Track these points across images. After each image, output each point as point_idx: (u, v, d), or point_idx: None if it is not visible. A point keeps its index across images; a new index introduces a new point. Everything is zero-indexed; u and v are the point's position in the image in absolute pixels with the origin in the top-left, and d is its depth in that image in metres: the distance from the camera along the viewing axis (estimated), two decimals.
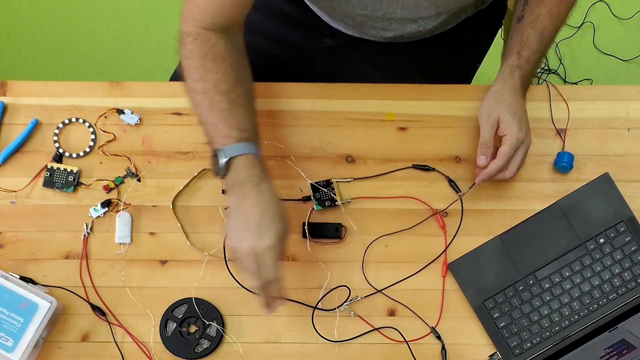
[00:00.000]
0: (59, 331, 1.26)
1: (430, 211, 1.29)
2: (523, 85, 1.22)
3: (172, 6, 2.35)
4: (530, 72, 1.23)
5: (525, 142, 1.20)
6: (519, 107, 1.21)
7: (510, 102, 1.20)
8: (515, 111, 1.20)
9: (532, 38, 1.22)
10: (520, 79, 1.22)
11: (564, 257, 1.26)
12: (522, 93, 1.23)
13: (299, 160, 1.31)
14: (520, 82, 1.22)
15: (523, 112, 1.21)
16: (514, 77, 1.21)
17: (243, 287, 1.26)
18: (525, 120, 1.21)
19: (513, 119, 1.19)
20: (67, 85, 1.34)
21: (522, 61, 1.22)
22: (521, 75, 1.22)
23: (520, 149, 1.20)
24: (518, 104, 1.21)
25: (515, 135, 1.18)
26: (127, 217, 1.29)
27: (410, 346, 1.24)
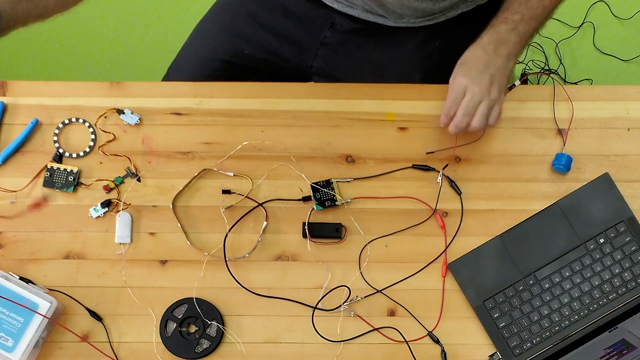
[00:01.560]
0: (59, 331, 1.26)
1: (430, 211, 1.29)
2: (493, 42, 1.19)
3: (172, 6, 2.35)
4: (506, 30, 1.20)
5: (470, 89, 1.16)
6: (470, 58, 1.19)
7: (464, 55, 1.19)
8: (464, 62, 1.18)
9: (515, 1, 1.22)
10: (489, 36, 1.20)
11: (564, 257, 1.26)
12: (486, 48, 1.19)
13: (299, 160, 1.31)
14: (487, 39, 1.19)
15: (476, 62, 1.18)
16: (483, 35, 1.20)
17: (243, 287, 1.26)
18: (478, 69, 1.17)
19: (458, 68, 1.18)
20: (67, 85, 1.34)
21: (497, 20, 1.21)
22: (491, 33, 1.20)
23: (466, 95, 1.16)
24: (470, 55, 1.19)
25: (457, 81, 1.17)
26: (127, 217, 1.29)
27: (410, 346, 1.24)
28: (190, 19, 2.31)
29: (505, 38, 1.20)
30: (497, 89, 1.18)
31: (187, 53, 1.53)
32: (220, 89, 1.34)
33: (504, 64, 1.19)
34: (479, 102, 1.17)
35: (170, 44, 2.32)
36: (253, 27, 1.48)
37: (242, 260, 1.28)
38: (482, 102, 1.17)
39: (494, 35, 1.20)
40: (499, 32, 1.20)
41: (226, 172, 1.31)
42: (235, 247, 1.29)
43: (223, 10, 1.54)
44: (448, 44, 1.44)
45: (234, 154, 1.31)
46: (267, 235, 1.29)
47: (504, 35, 1.20)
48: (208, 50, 1.50)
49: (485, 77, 1.17)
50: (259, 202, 1.29)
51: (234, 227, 1.28)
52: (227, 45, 1.50)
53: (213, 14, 1.55)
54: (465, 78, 1.17)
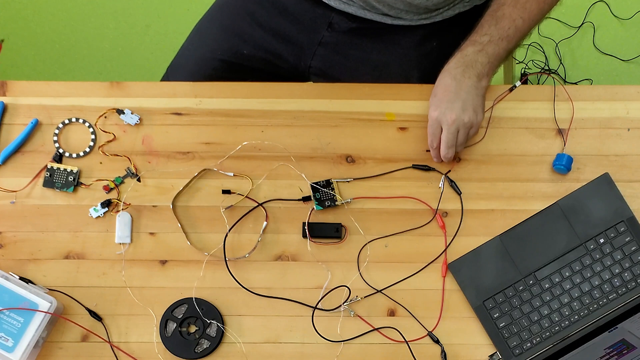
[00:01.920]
0: (59, 331, 1.26)
1: (430, 211, 1.29)
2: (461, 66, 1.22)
3: (172, 6, 2.35)
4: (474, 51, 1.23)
5: (445, 119, 1.21)
6: (440, 88, 1.22)
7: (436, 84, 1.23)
8: (436, 93, 1.23)
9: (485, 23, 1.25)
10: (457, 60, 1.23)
11: (564, 257, 1.26)
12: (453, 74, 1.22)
13: (299, 160, 1.31)
14: (455, 63, 1.23)
15: (445, 91, 1.22)
16: (451, 60, 1.23)
17: (243, 287, 1.26)
18: (448, 98, 1.21)
19: (431, 101, 1.23)
20: (67, 85, 1.34)
21: (465, 43, 1.24)
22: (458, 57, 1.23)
23: (443, 127, 1.22)
24: (441, 84, 1.23)
25: (430, 116, 1.22)
26: (127, 217, 1.29)
27: (410, 346, 1.24)
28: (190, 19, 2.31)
29: (473, 60, 1.23)
30: (471, 111, 1.22)
31: (186, 53, 1.53)
32: (220, 89, 1.34)
33: (475, 84, 1.22)
34: (456, 132, 1.22)
35: (170, 44, 2.32)
36: (251, 26, 1.48)
37: (242, 260, 1.28)
38: (459, 130, 1.22)
39: (461, 59, 1.23)
40: (466, 55, 1.23)
41: (226, 172, 1.31)
42: (235, 247, 1.29)
43: (222, 10, 1.54)
44: (446, 43, 1.44)
45: (234, 154, 1.31)
46: (267, 235, 1.29)
47: (471, 57, 1.23)
48: (207, 50, 1.50)
49: (457, 105, 1.21)
50: (259, 202, 1.29)
51: (234, 227, 1.28)
52: (225, 45, 1.50)
53: (212, 14, 1.55)
54: (437, 111, 1.22)
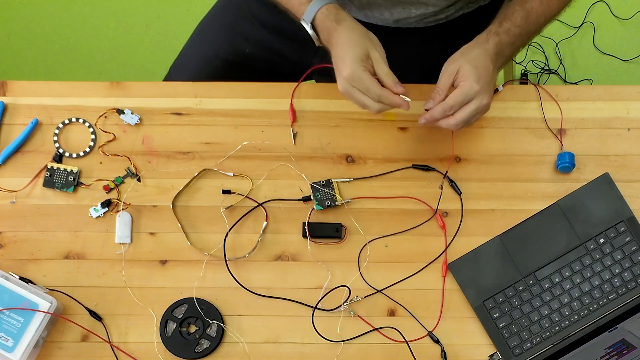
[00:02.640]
0: (59, 331, 1.26)
1: (430, 211, 1.29)
2: (496, 53, 1.20)
3: (172, 6, 2.35)
4: (507, 43, 1.21)
5: (479, 98, 1.16)
6: (482, 65, 1.17)
7: (475, 57, 1.18)
8: (477, 65, 1.17)
9: (517, 14, 1.22)
10: (495, 45, 1.20)
11: (564, 257, 1.26)
12: (493, 58, 1.20)
13: (299, 160, 1.31)
14: (493, 48, 1.20)
15: (486, 71, 1.18)
16: (489, 41, 1.20)
17: (243, 287, 1.26)
18: (487, 79, 1.17)
19: (472, 70, 1.16)
20: (67, 85, 1.34)
21: (501, 29, 1.21)
22: (496, 42, 1.20)
23: (473, 102, 1.16)
24: (482, 62, 1.18)
25: (469, 85, 1.15)
26: (127, 217, 1.29)
27: (410, 346, 1.24)
28: (190, 19, 2.32)
29: (504, 51, 1.21)
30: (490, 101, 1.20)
31: (188, 53, 1.53)
32: (221, 89, 1.34)
33: (495, 77, 1.22)
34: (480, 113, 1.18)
35: (170, 44, 2.32)
36: (254, 25, 1.48)
37: (242, 260, 1.28)
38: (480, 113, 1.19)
39: (498, 46, 1.21)
40: (502, 44, 1.21)
41: (226, 172, 1.31)
42: (235, 247, 1.29)
43: (224, 10, 1.54)
44: (448, 45, 1.44)
45: (234, 154, 1.31)
46: (267, 235, 1.29)
47: (504, 47, 1.21)
48: (209, 49, 1.50)
49: (491, 89, 1.19)
50: (259, 202, 1.29)
51: (234, 227, 1.28)
52: (228, 44, 1.50)
53: (214, 14, 1.55)
54: (478, 85, 1.16)
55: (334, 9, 1.20)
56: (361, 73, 1.15)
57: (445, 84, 1.18)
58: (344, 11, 1.21)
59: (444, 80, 1.18)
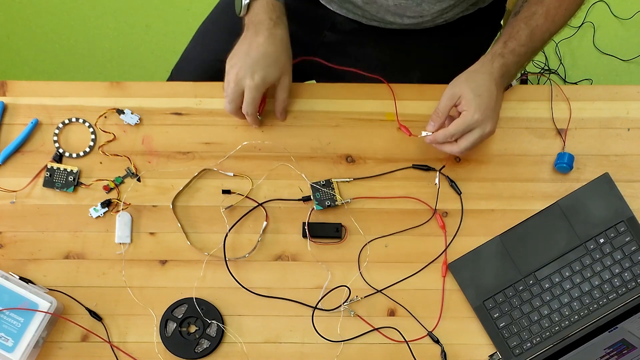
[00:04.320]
0: (59, 331, 1.26)
1: (430, 211, 1.29)
2: (502, 75, 1.20)
3: (172, 6, 2.35)
4: (513, 62, 1.21)
5: (482, 127, 1.17)
6: (486, 91, 1.18)
7: (479, 84, 1.18)
8: (480, 93, 1.17)
9: (522, 32, 1.22)
10: (500, 67, 1.20)
11: (564, 257, 1.26)
12: (498, 81, 1.20)
13: (299, 160, 1.31)
14: (498, 70, 1.20)
15: (490, 98, 1.18)
16: (494, 63, 1.20)
17: (243, 287, 1.26)
18: (490, 106, 1.18)
19: (474, 99, 1.17)
20: (67, 85, 1.34)
21: (506, 50, 1.21)
22: (501, 64, 1.20)
23: (475, 131, 1.18)
24: (486, 88, 1.18)
25: (471, 115, 1.16)
26: (127, 217, 1.29)
27: (410, 346, 1.24)
28: (190, 19, 2.32)
29: (510, 71, 1.22)
30: (496, 125, 1.20)
31: (190, 56, 1.54)
32: (221, 89, 1.34)
33: (501, 98, 1.22)
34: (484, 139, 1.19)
35: (170, 44, 2.32)
36: None
37: (242, 260, 1.28)
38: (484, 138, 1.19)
39: (504, 67, 1.21)
40: (507, 65, 1.21)
41: (226, 172, 1.31)
42: (235, 247, 1.29)
43: (224, 12, 1.54)
44: (449, 46, 1.44)
45: (234, 154, 1.31)
46: (267, 235, 1.29)
47: (510, 68, 1.21)
48: (210, 52, 1.50)
49: (495, 115, 1.19)
50: (259, 202, 1.29)
51: (234, 227, 1.28)
52: (229, 46, 1.49)
53: (215, 16, 1.55)
54: (480, 114, 1.17)
55: (279, 8, 1.22)
56: (257, 93, 1.21)
57: (446, 107, 1.19)
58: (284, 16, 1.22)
59: (444, 103, 1.19)
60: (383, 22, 1.40)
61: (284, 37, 1.22)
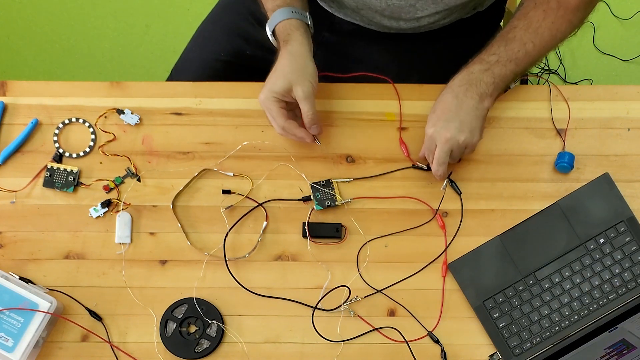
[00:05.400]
0: (59, 331, 1.26)
1: (430, 211, 1.29)
2: (464, 83, 1.21)
3: (172, 6, 2.35)
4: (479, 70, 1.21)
5: (440, 138, 1.19)
6: (441, 105, 1.20)
7: (438, 100, 1.21)
8: (435, 109, 1.21)
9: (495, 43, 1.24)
10: (462, 76, 1.21)
11: (564, 257, 1.26)
12: (458, 90, 1.20)
13: (299, 160, 1.31)
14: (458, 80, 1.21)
15: (445, 108, 1.20)
16: (456, 77, 1.22)
17: (243, 287, 1.26)
18: (444, 116, 1.19)
19: (430, 116, 1.21)
20: (67, 85, 1.34)
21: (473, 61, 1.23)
22: (464, 73, 1.22)
23: (439, 145, 1.19)
24: (440, 100, 1.21)
25: (426, 131, 1.21)
26: (127, 217, 1.29)
27: (410, 346, 1.24)
28: (190, 19, 2.32)
29: (478, 78, 1.21)
30: (467, 132, 1.20)
31: (189, 55, 1.54)
32: (221, 89, 1.34)
33: (476, 105, 1.20)
34: (449, 151, 1.20)
35: (170, 44, 2.32)
36: (254, 26, 1.48)
37: (242, 260, 1.28)
38: (453, 150, 1.20)
39: (466, 76, 1.21)
40: (471, 73, 1.22)
41: (226, 172, 1.31)
42: (235, 247, 1.29)
43: (224, 11, 1.54)
44: (446, 48, 1.44)
45: (234, 154, 1.31)
46: (267, 235, 1.29)
47: (476, 75, 1.21)
48: (210, 51, 1.50)
49: (453, 124, 1.19)
50: (259, 202, 1.29)
51: (234, 227, 1.28)
52: (229, 46, 1.50)
53: (214, 16, 1.56)
54: (433, 129, 1.20)
55: (289, 26, 1.23)
56: (270, 103, 1.21)
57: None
58: (297, 32, 1.23)
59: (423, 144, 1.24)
60: (380, 27, 1.40)
61: (294, 50, 1.22)
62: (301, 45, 1.22)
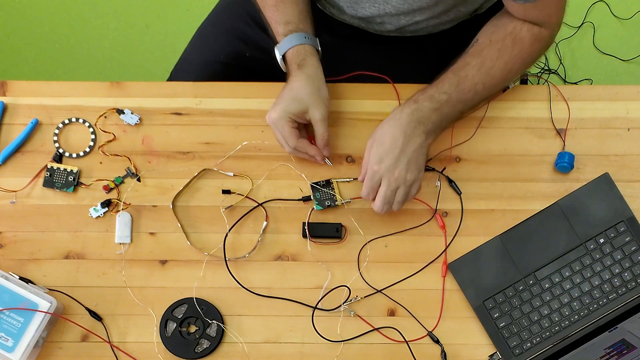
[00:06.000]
0: (59, 331, 1.26)
1: (430, 211, 1.29)
2: (414, 121, 1.19)
3: (172, 6, 2.35)
4: (429, 109, 1.19)
5: (387, 177, 1.18)
6: (390, 139, 1.18)
7: (384, 132, 1.19)
8: (383, 142, 1.18)
9: (447, 80, 1.22)
10: (411, 113, 1.19)
11: (564, 257, 1.26)
12: (406, 127, 1.18)
13: (299, 160, 1.31)
14: (408, 116, 1.18)
15: (394, 146, 1.17)
16: (404, 109, 1.19)
17: (243, 287, 1.26)
18: (393, 154, 1.17)
19: (376, 148, 1.18)
20: (67, 85, 1.34)
21: (422, 96, 1.21)
22: (413, 109, 1.19)
23: (383, 182, 1.18)
24: (390, 136, 1.18)
25: (370, 168, 1.19)
26: (127, 217, 1.29)
27: (410, 346, 1.24)
28: (190, 19, 2.32)
29: (427, 117, 1.20)
30: (415, 170, 1.19)
31: (189, 57, 1.54)
32: (221, 89, 1.34)
33: (422, 143, 1.19)
34: (395, 190, 1.19)
35: (170, 44, 2.32)
36: (253, 28, 1.48)
37: (242, 260, 1.28)
38: (399, 188, 1.19)
39: (416, 113, 1.19)
40: (421, 110, 1.20)
41: (226, 172, 1.31)
42: (235, 247, 1.29)
43: (223, 13, 1.54)
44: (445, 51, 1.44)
45: (234, 154, 1.31)
46: (267, 235, 1.29)
47: (425, 113, 1.20)
48: (209, 54, 1.50)
49: (402, 162, 1.18)
50: (259, 202, 1.29)
51: (234, 227, 1.28)
52: (228, 48, 1.50)
53: (213, 18, 1.56)
54: (381, 165, 1.18)
55: (303, 51, 1.25)
56: (284, 124, 1.22)
57: (365, 160, 1.21)
58: (312, 57, 1.24)
59: (365, 156, 1.21)
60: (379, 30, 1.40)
61: (311, 74, 1.23)
62: (317, 70, 1.24)
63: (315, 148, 1.26)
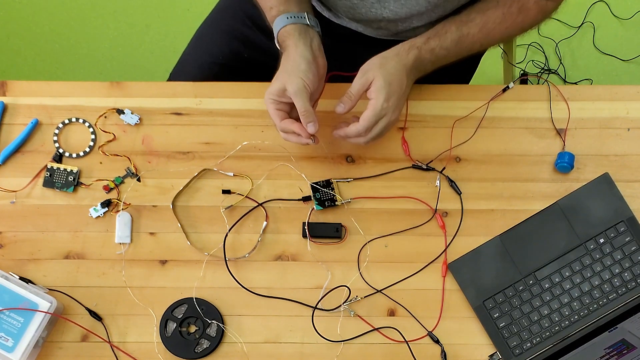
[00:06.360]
0: (59, 331, 1.26)
1: (430, 211, 1.29)
2: (414, 67, 1.21)
3: (172, 6, 2.35)
4: (428, 61, 1.22)
5: (388, 115, 1.19)
6: (396, 80, 1.19)
7: (391, 72, 1.19)
8: (391, 82, 1.18)
9: (449, 35, 1.23)
10: (415, 60, 1.21)
11: (564, 257, 1.27)
12: (409, 73, 1.21)
13: (299, 160, 1.31)
14: (412, 62, 1.21)
15: (399, 88, 1.19)
16: (409, 54, 1.21)
17: (243, 287, 1.26)
18: (398, 95, 1.19)
19: (385, 87, 1.18)
20: (67, 85, 1.34)
21: (425, 46, 1.22)
22: (416, 57, 1.21)
23: (382, 120, 1.19)
24: (398, 77, 1.19)
25: (380, 104, 1.17)
26: (127, 217, 1.29)
27: (410, 346, 1.24)
28: (190, 19, 2.32)
29: (424, 68, 1.23)
30: (399, 111, 1.22)
31: (188, 59, 1.54)
32: (220, 89, 1.34)
33: (411, 87, 1.24)
34: (388, 128, 1.21)
35: (170, 44, 2.32)
36: (252, 30, 1.48)
37: (242, 260, 1.28)
38: (388, 128, 1.21)
39: (417, 61, 1.22)
40: (421, 60, 1.22)
41: (226, 172, 1.31)
42: (235, 247, 1.29)
43: (222, 15, 1.54)
44: None
45: (234, 154, 1.31)
46: (267, 235, 1.29)
47: (424, 64, 1.23)
48: (208, 55, 1.50)
49: (401, 104, 1.21)
50: (259, 202, 1.29)
51: (234, 227, 1.28)
52: (227, 49, 1.50)
53: (212, 19, 1.56)
54: (389, 103, 1.18)
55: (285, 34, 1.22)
56: (268, 105, 1.20)
57: (359, 91, 1.19)
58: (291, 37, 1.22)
59: (357, 88, 1.19)
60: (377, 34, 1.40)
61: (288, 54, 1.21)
62: (295, 48, 1.21)
63: (299, 125, 1.19)
